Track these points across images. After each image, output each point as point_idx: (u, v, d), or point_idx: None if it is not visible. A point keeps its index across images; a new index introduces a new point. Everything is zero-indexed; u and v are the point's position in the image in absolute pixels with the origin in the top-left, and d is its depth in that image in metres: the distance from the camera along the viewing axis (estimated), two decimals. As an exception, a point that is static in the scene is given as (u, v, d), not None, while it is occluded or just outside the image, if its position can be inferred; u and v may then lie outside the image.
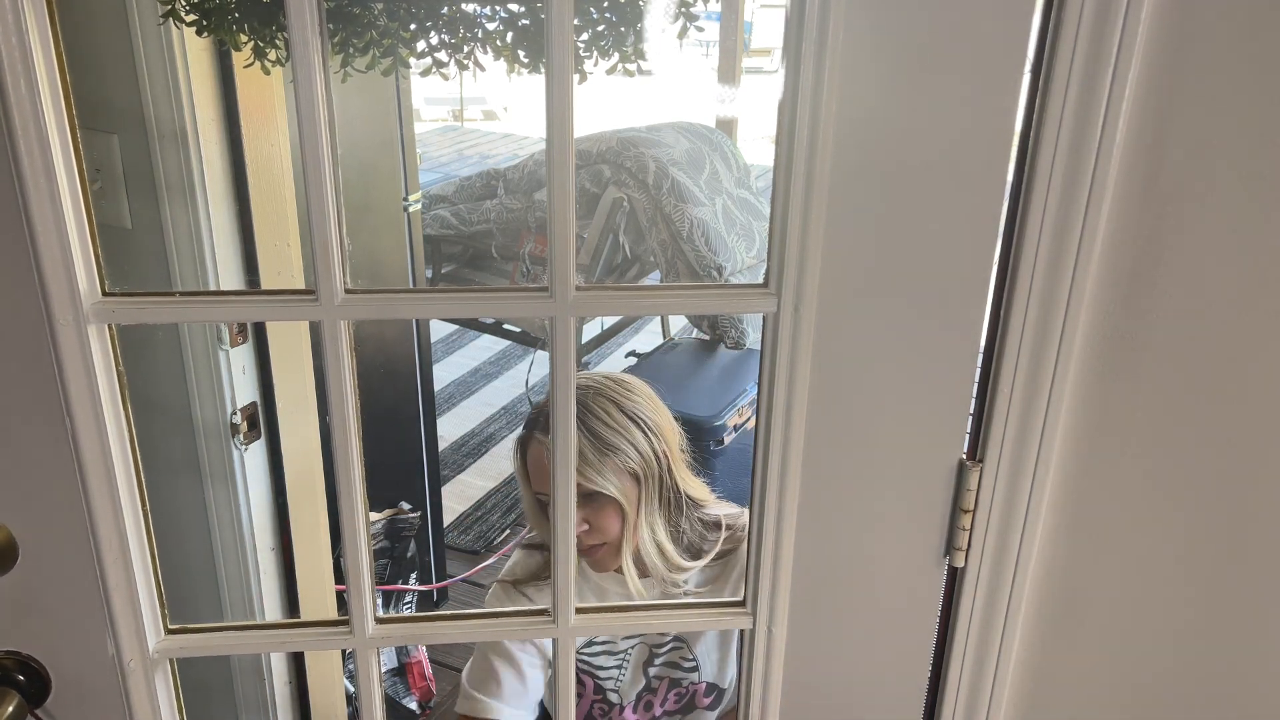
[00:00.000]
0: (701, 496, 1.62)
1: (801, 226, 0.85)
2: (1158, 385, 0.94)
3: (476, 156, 8.29)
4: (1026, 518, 0.97)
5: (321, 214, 0.84)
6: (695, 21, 1.26)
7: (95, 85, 1.62)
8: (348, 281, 0.87)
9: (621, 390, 1.55)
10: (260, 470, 1.90)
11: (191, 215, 1.65)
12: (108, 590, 0.96)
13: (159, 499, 1.92)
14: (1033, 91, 0.84)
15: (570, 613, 1.01)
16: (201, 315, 0.98)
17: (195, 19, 1.33)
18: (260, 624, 1.02)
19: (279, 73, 1.51)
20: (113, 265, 1.74)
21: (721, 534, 1.61)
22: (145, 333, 1.77)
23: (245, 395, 1.83)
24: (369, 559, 0.98)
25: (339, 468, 0.94)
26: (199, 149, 1.62)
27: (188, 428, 1.81)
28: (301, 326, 1.88)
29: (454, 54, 1.34)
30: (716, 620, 1.13)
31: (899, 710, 1.07)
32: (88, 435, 0.90)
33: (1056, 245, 0.87)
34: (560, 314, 0.88)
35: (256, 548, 1.92)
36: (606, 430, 1.49)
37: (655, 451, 1.52)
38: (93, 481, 0.92)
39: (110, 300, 0.88)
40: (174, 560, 1.98)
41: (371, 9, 1.33)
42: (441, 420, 4.01)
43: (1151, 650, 1.06)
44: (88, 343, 0.87)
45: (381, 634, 1.01)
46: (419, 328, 2.77)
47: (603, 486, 1.47)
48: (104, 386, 0.89)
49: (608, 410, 1.51)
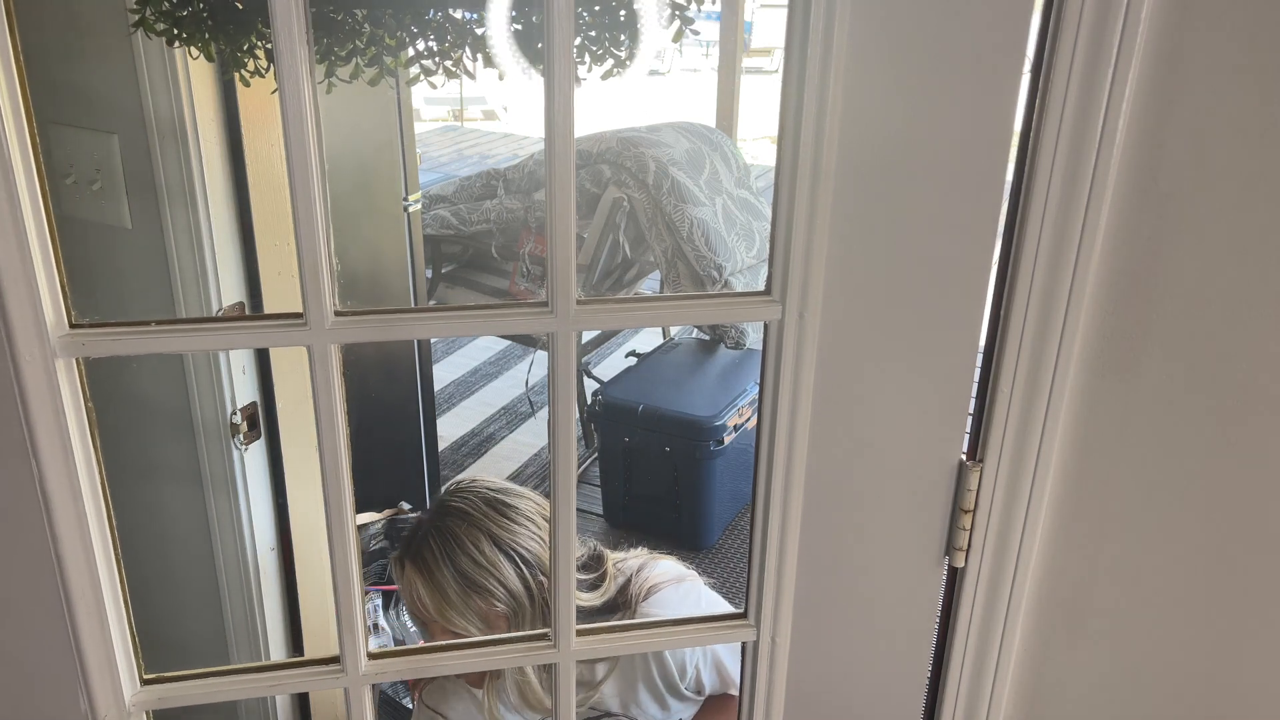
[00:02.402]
0: (591, 603, 1.49)
1: (807, 232, 0.85)
2: (1158, 385, 0.94)
3: (476, 156, 8.29)
4: (1026, 518, 0.97)
5: (310, 234, 0.80)
6: (690, 25, 1.24)
7: (95, 85, 1.62)
8: (337, 303, 0.83)
9: (496, 517, 1.43)
10: (260, 470, 1.90)
11: (191, 215, 1.65)
12: (80, 643, 0.90)
13: (159, 500, 1.93)
14: (1033, 91, 0.84)
15: (571, 636, 0.98)
16: (181, 345, 0.86)
17: (166, 28, 1.26)
18: (244, 667, 0.98)
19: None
20: (113, 265, 1.75)
21: (620, 620, 1.50)
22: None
23: (245, 395, 1.83)
24: (360, 594, 0.93)
25: (329, 504, 0.89)
26: (199, 149, 1.62)
27: (187, 428, 1.81)
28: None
29: (442, 61, 1.29)
30: (716, 636, 1.10)
31: (899, 711, 1.07)
32: (56, 479, 0.83)
33: (1056, 245, 0.87)
34: (561, 329, 0.85)
35: (256, 548, 1.92)
36: (473, 568, 1.40)
37: (530, 585, 1.42)
38: (62, 529, 0.85)
39: (79, 333, 0.81)
40: (173, 561, 1.98)
41: (355, 15, 1.28)
42: (441, 420, 4.01)
43: (1152, 650, 1.06)
44: (55, 379, 0.80)
45: (375, 670, 0.97)
46: (419, 328, 2.77)
47: (464, 630, 1.39)
48: (73, 426, 0.83)
49: (478, 545, 1.41)
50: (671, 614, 1.50)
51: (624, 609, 1.52)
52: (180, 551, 1.94)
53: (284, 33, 0.74)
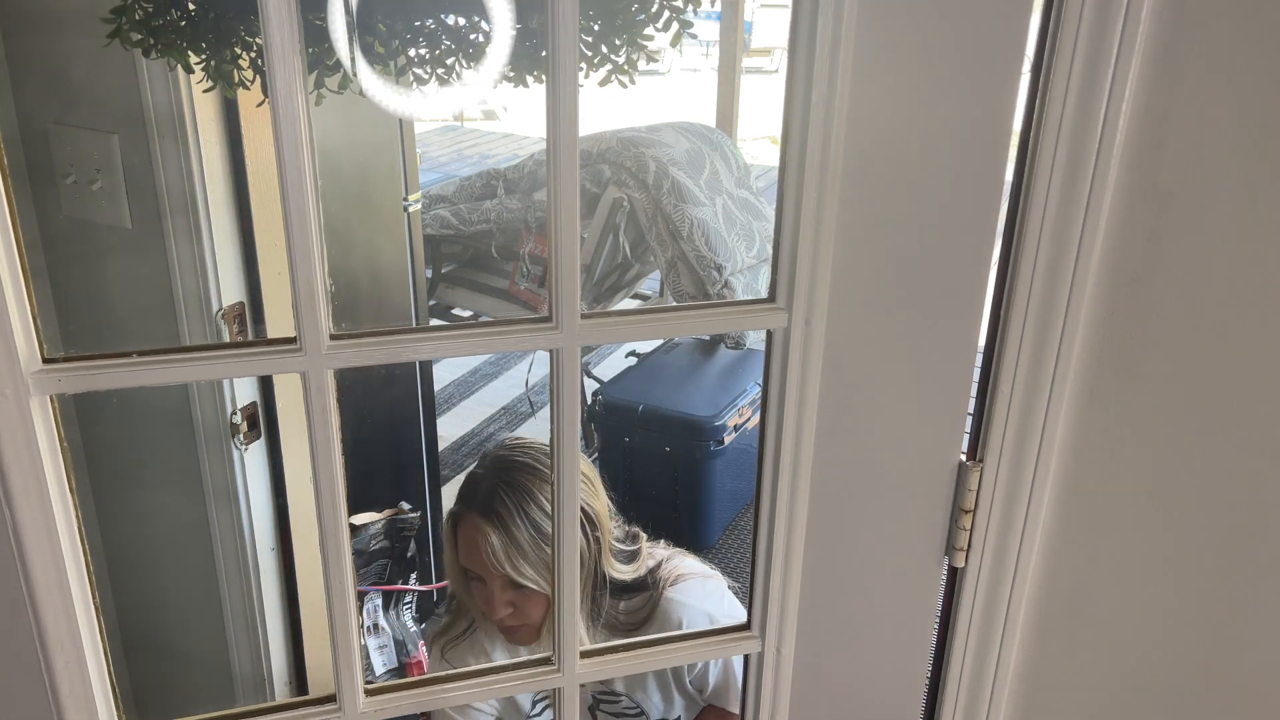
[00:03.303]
0: (624, 575, 1.55)
1: (814, 237, 0.84)
2: (1158, 385, 0.94)
3: (476, 156, 8.29)
4: (1026, 518, 0.97)
5: (305, 256, 0.76)
6: (689, 28, 1.23)
7: (95, 85, 1.62)
8: (333, 326, 0.80)
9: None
10: (260, 470, 1.90)
11: (191, 215, 1.65)
12: (59, 698, 0.86)
13: (159, 500, 1.92)
14: (1033, 91, 0.84)
15: (575, 659, 0.96)
16: (164, 378, 0.78)
17: (141, 38, 1.21)
18: (233, 712, 0.94)
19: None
20: (113, 265, 1.75)
21: (643, 600, 1.56)
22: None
23: (245, 395, 1.83)
24: (356, 626, 0.91)
25: (325, 537, 0.86)
26: (199, 149, 1.62)
27: (187, 428, 1.81)
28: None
29: (435, 68, 1.25)
30: (721, 648, 1.09)
31: (899, 710, 1.07)
32: (31, 524, 0.79)
33: (1056, 245, 0.87)
34: (567, 345, 0.84)
35: (256, 548, 1.92)
36: (545, 520, 1.43)
37: (589, 542, 1.47)
38: (38, 576, 0.80)
39: (54, 368, 0.76)
40: (174, 561, 1.98)
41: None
42: (441, 420, 4.00)
43: (1151, 650, 1.06)
44: (30, 419, 0.76)
45: (373, 708, 0.94)
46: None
47: (533, 581, 1.43)
48: (49, 469, 0.78)
49: (549, 497, 1.44)
50: (694, 604, 1.54)
51: (650, 589, 1.56)
52: (180, 551, 1.94)
53: (278, 57, 0.72)
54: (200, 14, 1.21)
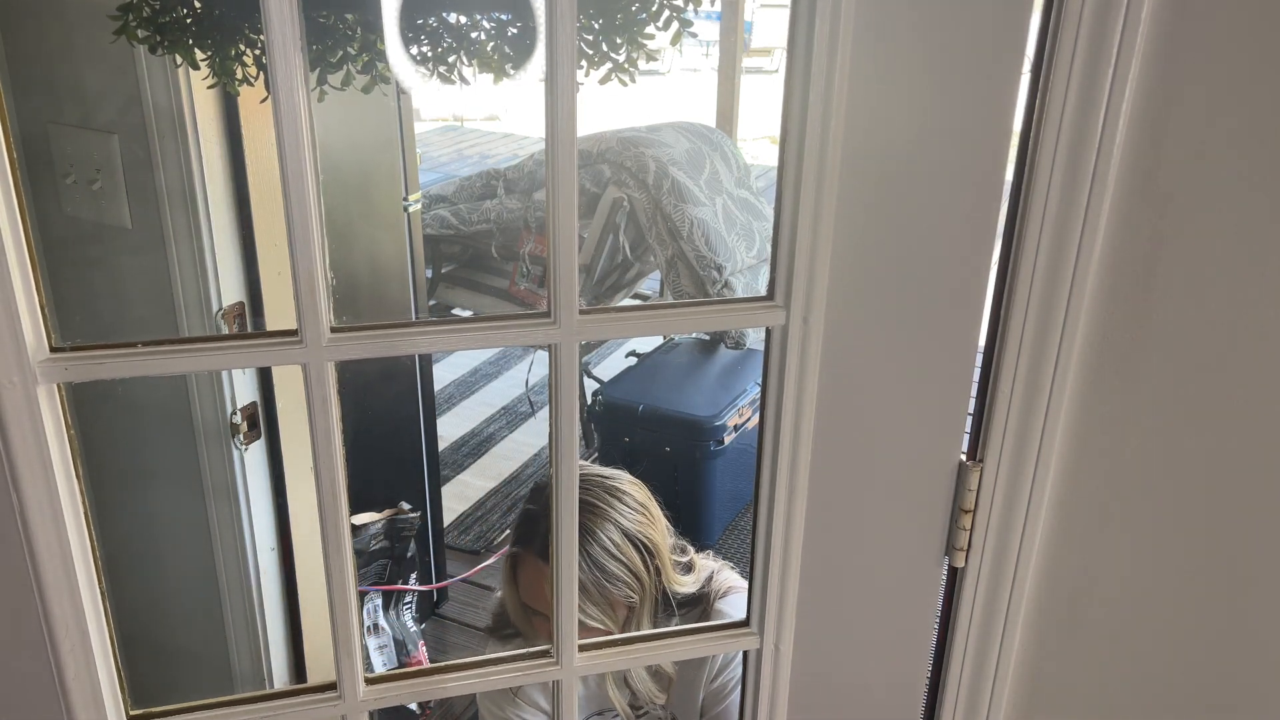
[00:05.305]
0: (686, 587, 1.52)
1: (812, 236, 0.84)
2: (1157, 385, 0.94)
3: (476, 156, 8.29)
4: (1026, 518, 0.97)
5: (305, 250, 0.77)
6: (689, 27, 1.23)
7: (95, 85, 1.62)
8: (333, 319, 0.81)
9: (619, 505, 1.44)
10: (260, 470, 1.90)
11: (191, 215, 1.65)
12: (64, 682, 0.86)
13: (159, 500, 1.92)
14: (1033, 91, 0.84)
15: (573, 652, 0.97)
16: (169, 368, 0.79)
17: (148, 35, 1.23)
18: (235, 698, 0.94)
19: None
20: (113, 265, 1.75)
21: (697, 614, 1.54)
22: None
23: (245, 395, 1.83)
24: (357, 618, 0.92)
25: (326, 528, 0.87)
26: (199, 149, 1.62)
27: (188, 428, 1.81)
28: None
29: (437, 67, 1.25)
30: (720, 645, 1.10)
31: (900, 710, 1.07)
32: (39, 512, 0.80)
33: (1056, 245, 0.87)
34: (565, 340, 0.84)
35: (256, 548, 1.92)
36: (607, 558, 1.40)
37: (649, 570, 1.43)
38: (45, 563, 0.82)
39: (61, 356, 0.77)
40: (174, 561, 1.98)
41: (345, 20, 1.25)
42: (441, 420, 4.00)
43: (1151, 650, 1.06)
44: (37, 406, 0.77)
45: (373, 696, 0.95)
46: (419, 328, 2.76)
47: (598, 620, 1.40)
48: (56, 455, 0.79)
49: (610, 535, 1.41)
50: (742, 617, 1.53)
51: (702, 603, 1.54)
52: (180, 551, 1.94)
53: (278, 51, 0.72)
54: (206, 10, 1.22)
